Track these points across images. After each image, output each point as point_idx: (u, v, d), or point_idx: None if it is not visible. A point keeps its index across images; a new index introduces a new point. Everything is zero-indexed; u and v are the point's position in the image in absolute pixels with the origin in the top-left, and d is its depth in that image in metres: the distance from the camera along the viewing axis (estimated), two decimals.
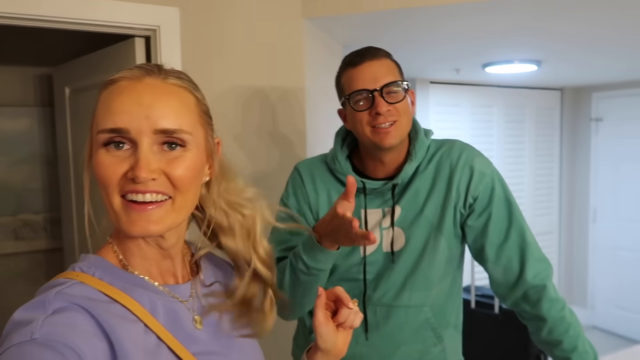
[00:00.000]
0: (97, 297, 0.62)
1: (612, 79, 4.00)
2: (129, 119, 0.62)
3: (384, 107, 1.10)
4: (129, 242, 0.68)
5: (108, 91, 0.65)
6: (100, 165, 0.62)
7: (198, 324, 0.70)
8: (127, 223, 0.63)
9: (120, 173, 0.62)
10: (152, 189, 0.62)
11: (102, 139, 0.63)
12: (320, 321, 0.75)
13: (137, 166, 0.61)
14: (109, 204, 0.64)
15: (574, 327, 1.15)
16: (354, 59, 1.15)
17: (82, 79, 1.98)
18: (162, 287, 0.69)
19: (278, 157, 1.87)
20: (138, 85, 0.64)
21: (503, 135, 4.22)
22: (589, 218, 4.47)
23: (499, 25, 2.10)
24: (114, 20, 1.57)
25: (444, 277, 1.20)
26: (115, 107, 0.62)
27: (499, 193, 1.16)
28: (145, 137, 0.62)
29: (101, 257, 0.68)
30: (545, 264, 1.16)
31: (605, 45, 2.56)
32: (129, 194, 0.62)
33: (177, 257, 0.73)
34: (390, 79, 1.12)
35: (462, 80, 3.84)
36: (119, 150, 0.62)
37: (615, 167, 4.24)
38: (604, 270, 4.37)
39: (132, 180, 0.61)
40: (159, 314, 0.66)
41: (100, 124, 0.63)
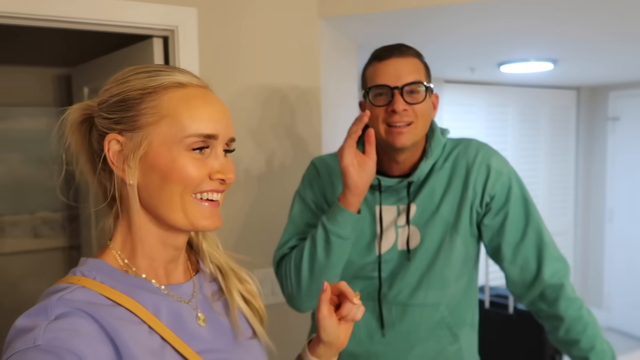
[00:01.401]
0: (100, 301, 0.63)
1: (629, 78, 3.94)
2: (219, 127, 0.68)
3: (402, 105, 1.09)
4: (140, 244, 0.69)
5: (183, 94, 0.67)
6: (188, 166, 0.66)
7: (201, 321, 0.72)
8: (201, 218, 0.68)
9: (204, 174, 0.67)
10: (223, 189, 0.70)
11: (193, 141, 0.66)
12: (324, 314, 0.77)
13: (226, 169, 0.69)
14: (179, 202, 0.66)
15: (592, 326, 1.14)
16: (382, 53, 1.14)
17: (101, 79, 1.99)
18: (165, 287, 0.70)
19: (293, 155, 1.88)
20: (210, 95, 0.70)
21: (518, 135, 4.19)
22: (605, 218, 4.42)
23: (515, 24, 2.09)
24: (132, 21, 1.59)
25: (460, 276, 1.20)
26: (207, 114, 0.67)
27: (516, 192, 1.16)
28: (222, 143, 0.69)
29: (102, 260, 0.68)
30: (562, 263, 1.16)
31: (622, 44, 2.53)
32: (206, 192, 0.68)
33: (181, 257, 0.75)
34: (413, 79, 1.11)
35: (476, 79, 3.82)
36: (200, 153, 0.67)
37: (632, 167, 4.18)
38: (620, 271, 4.32)
39: (220, 181, 0.68)
40: (162, 315, 0.67)
41: (191, 127, 0.66)
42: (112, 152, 0.67)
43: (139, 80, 0.67)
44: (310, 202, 1.24)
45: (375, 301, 1.20)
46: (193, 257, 0.80)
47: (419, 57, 1.16)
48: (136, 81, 0.67)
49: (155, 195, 0.66)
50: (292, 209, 1.28)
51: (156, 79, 0.67)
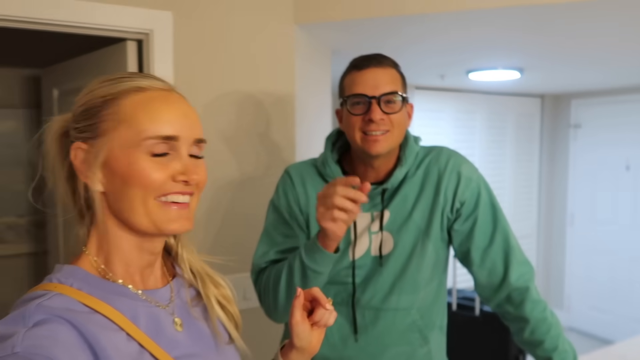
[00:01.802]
0: (78, 308, 0.62)
1: (590, 87, 4.12)
2: (180, 128, 0.68)
3: (378, 115, 1.12)
4: (115, 250, 0.69)
5: (142, 98, 0.67)
6: (147, 169, 0.66)
7: (178, 326, 0.72)
8: (167, 221, 0.67)
9: (165, 177, 0.67)
10: (190, 191, 0.69)
11: (151, 144, 0.66)
12: (297, 320, 0.78)
13: (188, 171, 0.68)
14: (142, 206, 0.66)
15: (555, 327, 1.20)
16: (361, 62, 1.17)
17: (72, 81, 1.98)
18: (142, 293, 0.70)
19: (267, 161, 1.90)
20: (173, 97, 0.70)
21: (485, 140, 4.31)
22: (566, 222, 4.59)
23: (484, 34, 2.16)
24: (106, 24, 1.57)
25: (431, 280, 1.24)
26: (166, 115, 0.67)
27: (485, 198, 1.21)
28: (186, 145, 0.69)
29: (78, 267, 0.68)
30: (528, 267, 1.21)
31: (584, 54, 2.65)
32: (170, 195, 0.67)
33: (157, 262, 0.75)
34: (390, 89, 1.13)
35: (446, 86, 3.91)
36: (161, 156, 0.67)
37: (592, 173, 4.36)
38: (581, 272, 4.49)
39: (183, 183, 0.67)
40: (140, 321, 0.67)
41: (148, 130, 0.66)
42: (78, 160, 0.68)
43: (102, 89, 0.69)
44: (285, 212, 1.25)
45: (348, 306, 1.22)
46: (169, 262, 0.81)
47: (396, 67, 1.19)
48: (100, 89, 0.69)
49: (120, 201, 0.67)
50: (267, 219, 1.29)
51: (117, 86, 0.68)
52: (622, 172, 4.14)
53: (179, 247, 0.80)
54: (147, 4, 1.63)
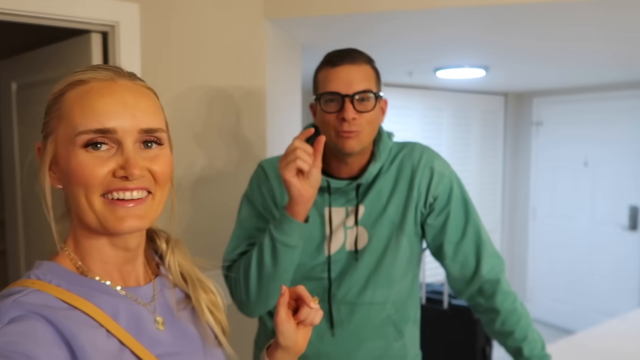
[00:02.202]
0: (56, 304, 0.61)
1: (551, 86, 4.25)
2: (115, 119, 0.63)
3: (351, 114, 1.11)
4: (89, 247, 0.68)
5: (80, 92, 0.65)
6: (83, 165, 0.62)
7: (160, 325, 0.71)
8: (115, 220, 0.64)
9: (105, 172, 0.63)
10: (139, 186, 0.64)
11: (84, 139, 0.63)
12: (282, 319, 0.77)
13: (128, 165, 0.63)
14: (87, 204, 0.64)
15: (525, 318, 1.23)
16: (335, 58, 1.15)
17: (33, 74, 1.90)
18: (123, 290, 0.69)
19: (238, 157, 1.87)
20: (115, 86, 0.65)
21: (452, 137, 4.40)
22: (529, 216, 4.73)
23: (451, 33, 2.20)
24: (69, 15, 1.51)
25: (405, 274, 1.25)
26: (100, 107, 0.63)
27: (457, 193, 1.23)
28: (130, 137, 0.64)
29: (57, 264, 0.67)
30: (498, 260, 1.24)
31: (545, 54, 2.73)
32: (115, 192, 0.64)
33: (139, 259, 0.74)
34: (364, 87, 1.13)
35: (414, 83, 3.96)
36: (99, 150, 0.63)
37: (553, 169, 4.51)
38: (542, 265, 4.65)
39: (123, 179, 0.63)
40: (120, 318, 0.66)
41: (81, 124, 0.63)
42: (40, 158, 0.68)
43: (56, 86, 0.68)
44: (259, 205, 1.24)
45: (324, 301, 1.22)
46: (154, 262, 0.79)
47: (370, 63, 1.19)
48: (56, 86, 0.68)
49: (70, 198, 0.66)
50: (240, 213, 1.27)
51: (65, 80, 0.67)
52: (580, 168, 4.29)
53: (168, 249, 0.78)
54: None
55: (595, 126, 4.18)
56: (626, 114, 4.01)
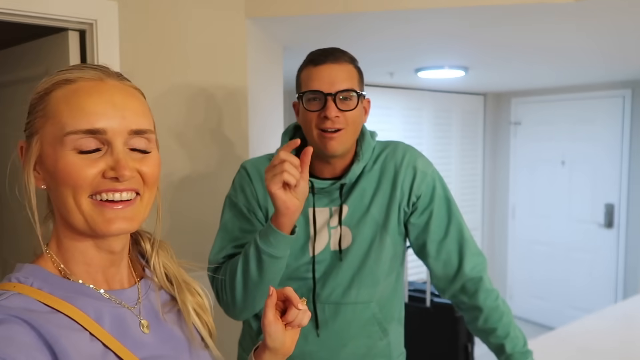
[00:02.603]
0: (38, 307, 0.60)
1: (528, 86, 4.32)
2: (105, 120, 0.62)
3: (334, 112, 1.11)
4: (73, 249, 0.67)
5: (67, 91, 0.63)
6: (72, 166, 0.61)
7: (145, 328, 0.70)
8: (103, 222, 0.63)
9: (95, 173, 0.62)
10: (129, 187, 0.64)
11: (74, 139, 0.61)
12: (270, 320, 0.76)
13: (119, 166, 0.62)
14: (74, 206, 0.62)
15: (507, 315, 1.24)
16: (317, 57, 1.15)
17: (7, 72, 1.85)
18: (107, 293, 0.68)
19: (219, 157, 1.85)
20: (103, 86, 0.64)
21: (433, 137, 4.43)
22: (508, 214, 4.80)
23: (431, 34, 2.21)
24: (46, 12, 1.48)
25: (389, 273, 1.25)
26: (89, 107, 0.62)
27: (440, 192, 1.23)
28: (120, 137, 0.63)
29: (39, 266, 0.65)
30: (481, 258, 1.25)
31: (523, 55, 2.77)
32: (104, 193, 0.63)
33: (123, 261, 0.72)
34: (346, 86, 1.13)
35: (395, 84, 3.98)
36: (88, 151, 0.62)
37: (531, 167, 4.59)
38: (522, 263, 4.72)
39: (113, 180, 0.62)
40: (104, 322, 0.65)
41: (69, 124, 0.61)
42: (23, 158, 0.66)
43: (41, 84, 0.66)
44: (243, 207, 1.23)
45: (309, 301, 1.22)
46: (139, 264, 0.78)
47: (353, 62, 1.19)
48: (39, 85, 0.66)
49: (56, 199, 0.65)
50: (224, 215, 1.25)
51: (50, 79, 0.66)
52: (558, 167, 4.38)
53: (153, 250, 0.77)
54: None
55: (571, 126, 4.27)
56: (602, 114, 4.10)
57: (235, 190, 1.25)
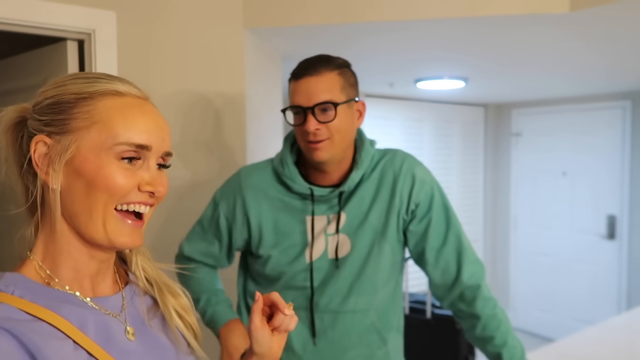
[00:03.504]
0: (19, 316, 0.59)
1: (529, 97, 4.33)
2: (152, 139, 0.66)
3: (313, 125, 1.12)
4: (64, 254, 0.66)
5: (118, 103, 0.65)
6: (116, 174, 0.64)
7: (131, 335, 0.69)
8: (120, 235, 0.66)
9: (132, 185, 0.65)
10: (152, 202, 0.68)
11: (123, 150, 0.64)
12: (256, 326, 0.76)
13: (156, 182, 0.67)
14: (101, 211, 0.64)
15: (504, 324, 1.23)
16: (298, 70, 1.17)
17: (7, 81, 1.86)
18: (91, 301, 0.67)
19: (218, 167, 1.85)
20: (148, 106, 0.69)
21: (433, 148, 4.43)
22: (510, 226, 4.78)
23: (429, 44, 2.22)
24: (44, 22, 1.49)
25: (388, 281, 1.24)
26: (142, 125, 0.66)
27: (438, 200, 1.23)
28: (156, 156, 0.68)
29: (20, 274, 0.64)
30: (479, 266, 1.24)
31: (522, 66, 2.78)
32: (133, 204, 0.66)
33: (109, 270, 0.72)
34: (324, 98, 1.12)
35: (395, 94, 3.99)
36: (130, 163, 0.65)
37: (532, 178, 4.57)
38: (524, 274, 4.68)
39: (148, 194, 0.66)
40: (89, 330, 0.64)
41: (122, 135, 0.64)
42: (37, 153, 0.64)
43: (75, 85, 0.66)
44: (222, 214, 1.26)
45: (307, 310, 1.21)
46: (122, 269, 0.77)
47: (339, 68, 1.17)
48: (73, 86, 0.66)
49: (78, 203, 0.64)
50: (206, 210, 1.31)
51: (93, 85, 0.66)
52: (559, 178, 4.36)
53: (132, 254, 0.77)
54: (89, 3, 1.56)
55: (573, 137, 4.26)
56: (603, 125, 4.10)
57: (223, 192, 1.28)
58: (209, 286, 1.31)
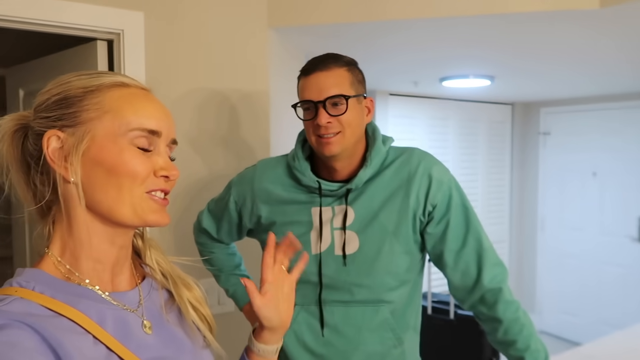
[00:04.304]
0: (40, 312, 0.60)
1: (558, 95, 4.23)
2: (163, 125, 0.69)
3: (324, 119, 1.13)
4: (85, 245, 0.67)
5: (126, 93, 0.68)
6: (135, 160, 0.66)
7: (148, 329, 0.70)
8: (150, 212, 0.68)
9: (150, 170, 0.67)
10: (169, 188, 0.70)
11: (137, 135, 0.66)
12: (258, 306, 0.79)
13: (169, 166, 0.69)
14: (127, 195, 0.66)
15: (527, 327, 1.21)
16: (308, 67, 1.19)
17: (39, 80, 1.92)
18: (109, 295, 0.68)
19: (241, 162, 1.87)
20: (152, 96, 0.71)
21: (458, 147, 4.37)
22: (537, 227, 4.68)
23: (455, 41, 2.20)
24: (75, 22, 1.53)
25: (404, 282, 1.23)
26: (151, 111, 0.68)
27: (457, 200, 1.21)
28: (165, 143, 0.70)
29: (40, 270, 0.65)
30: (500, 268, 1.22)
31: (549, 64, 2.72)
32: (154, 192, 0.68)
33: (128, 261, 0.74)
34: (335, 92, 1.14)
35: (419, 93, 3.96)
36: (143, 149, 0.67)
37: (561, 179, 4.47)
38: (551, 277, 4.58)
39: (164, 178, 0.69)
40: (107, 324, 0.65)
41: (134, 122, 0.66)
42: (51, 149, 0.65)
43: (81, 81, 0.68)
44: (232, 202, 1.32)
45: (316, 305, 1.22)
46: (138, 264, 0.79)
47: (347, 65, 1.19)
48: (78, 82, 0.67)
49: (101, 191, 0.65)
50: (222, 192, 1.38)
51: (98, 79, 0.68)
52: (589, 178, 4.25)
53: (145, 247, 0.78)
54: (118, 3, 1.60)
55: (603, 136, 4.15)
56: (635, 124, 3.97)
57: (238, 181, 1.34)
58: (228, 262, 1.44)
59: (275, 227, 1.25)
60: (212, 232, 1.40)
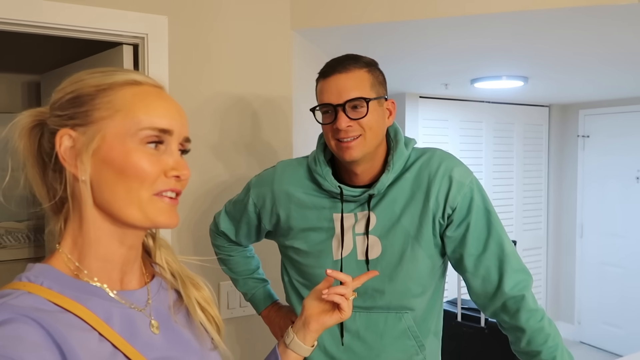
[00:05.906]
0: (47, 307, 0.61)
1: (599, 97, 4.06)
2: (175, 123, 0.68)
3: (344, 123, 1.10)
4: (94, 244, 0.67)
5: (138, 91, 0.67)
6: (144, 161, 0.65)
7: (155, 328, 0.70)
8: (159, 214, 0.67)
9: (159, 170, 0.66)
10: (180, 189, 0.69)
11: (147, 135, 0.66)
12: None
13: (180, 166, 0.68)
14: (135, 197, 0.65)
15: (553, 337, 1.15)
16: (327, 69, 1.15)
17: None
18: (117, 294, 0.68)
19: (263, 165, 1.87)
20: (165, 94, 0.71)
21: (492, 150, 4.26)
22: (576, 233, 4.50)
23: (487, 42, 2.13)
24: (103, 28, 1.57)
25: (427, 287, 1.20)
26: (162, 109, 0.68)
27: (478, 203, 1.16)
28: (177, 141, 0.69)
29: (50, 266, 0.66)
30: (524, 275, 1.17)
31: (591, 63, 2.61)
32: (164, 192, 0.67)
33: (137, 261, 0.74)
34: (354, 95, 1.10)
35: (450, 95, 3.88)
36: (154, 149, 0.66)
37: (601, 183, 4.29)
38: (591, 285, 4.40)
39: (175, 178, 0.68)
40: (114, 322, 0.65)
41: (145, 121, 0.66)
42: (63, 147, 0.66)
43: (94, 79, 0.68)
44: (252, 204, 1.30)
45: None
46: (148, 263, 0.79)
47: (367, 66, 1.15)
48: (91, 79, 0.68)
49: (110, 191, 0.65)
50: (240, 194, 1.35)
51: (111, 77, 0.68)
52: (632, 183, 4.06)
53: (156, 247, 0.78)
54: (143, 8, 1.63)
55: None
56: None
57: (259, 182, 1.30)
58: (246, 265, 1.43)
59: (296, 233, 1.23)
60: (231, 234, 1.38)
